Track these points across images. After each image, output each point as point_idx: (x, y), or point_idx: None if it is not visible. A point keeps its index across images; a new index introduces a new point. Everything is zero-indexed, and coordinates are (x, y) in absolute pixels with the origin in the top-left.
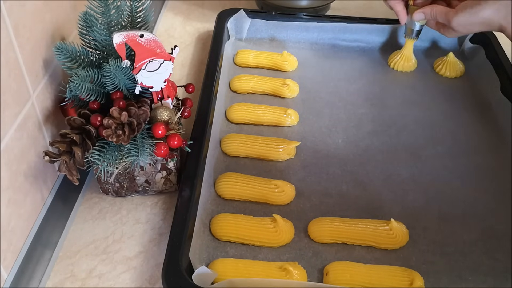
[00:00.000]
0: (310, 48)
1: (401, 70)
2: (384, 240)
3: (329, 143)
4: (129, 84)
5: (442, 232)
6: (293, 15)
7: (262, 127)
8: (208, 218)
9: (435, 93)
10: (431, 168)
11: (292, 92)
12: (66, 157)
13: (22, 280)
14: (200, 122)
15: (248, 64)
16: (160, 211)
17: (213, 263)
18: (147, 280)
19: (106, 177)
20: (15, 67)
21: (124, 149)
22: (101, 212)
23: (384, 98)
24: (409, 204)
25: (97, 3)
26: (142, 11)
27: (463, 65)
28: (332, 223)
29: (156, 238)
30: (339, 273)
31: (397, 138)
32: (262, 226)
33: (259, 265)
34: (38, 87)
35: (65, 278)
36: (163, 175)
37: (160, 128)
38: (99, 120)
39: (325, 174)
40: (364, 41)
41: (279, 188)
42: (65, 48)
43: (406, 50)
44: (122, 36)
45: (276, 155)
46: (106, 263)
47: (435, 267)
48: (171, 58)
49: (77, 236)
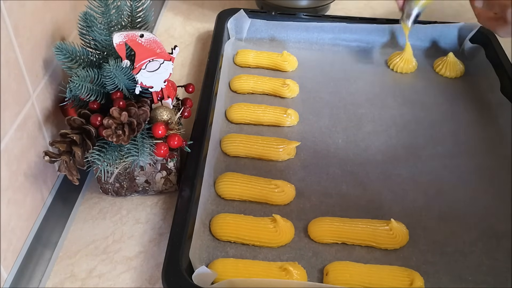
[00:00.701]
0: (310, 48)
1: (401, 72)
2: (384, 240)
3: (329, 143)
4: (129, 84)
5: (442, 232)
6: (293, 15)
7: (262, 127)
8: (208, 218)
9: (435, 93)
10: (431, 168)
11: (292, 92)
12: (66, 157)
13: (22, 280)
14: (200, 122)
15: (248, 64)
16: (160, 211)
17: (213, 263)
18: (147, 280)
19: (106, 177)
20: (15, 67)
21: (124, 149)
22: (101, 212)
23: (384, 98)
24: (409, 204)
25: (97, 3)
26: (142, 11)
27: (463, 65)
28: (332, 223)
29: (156, 238)
30: (339, 273)
31: (397, 138)
32: (262, 226)
33: (259, 265)
34: (38, 87)
35: (65, 278)
36: (163, 175)
37: (160, 128)
38: (99, 120)
39: (325, 174)
40: (364, 41)
41: (279, 188)
42: (65, 48)
43: (406, 53)
44: (122, 36)
45: (276, 155)
46: (106, 263)
47: (435, 267)
48: (171, 58)
49: (77, 236)
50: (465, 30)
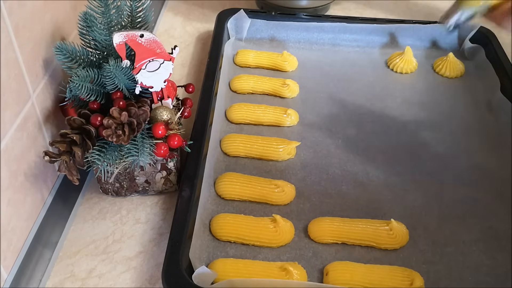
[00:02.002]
0: (310, 48)
1: (401, 72)
2: (384, 240)
3: (329, 143)
4: (129, 84)
5: (442, 232)
6: (293, 15)
7: (262, 127)
8: (208, 218)
9: (435, 93)
10: (431, 168)
11: (292, 92)
12: (66, 157)
13: (22, 280)
14: (200, 122)
15: (248, 64)
16: (160, 211)
17: (213, 263)
18: (147, 280)
19: (106, 177)
20: (15, 67)
21: (124, 149)
22: (101, 212)
23: (384, 98)
24: (409, 204)
25: (97, 3)
26: (142, 11)
27: (463, 65)
28: (332, 223)
29: (156, 238)
30: (339, 273)
31: (397, 138)
32: (262, 226)
33: (259, 265)
34: (38, 87)
35: (65, 278)
36: (163, 175)
37: (160, 128)
38: (99, 120)
39: (325, 174)
40: (364, 41)
41: (279, 188)
42: (65, 48)
43: (406, 55)
44: (122, 36)
45: (276, 155)
46: (106, 263)
47: (435, 267)
48: (171, 58)
49: (77, 236)
50: (465, 30)
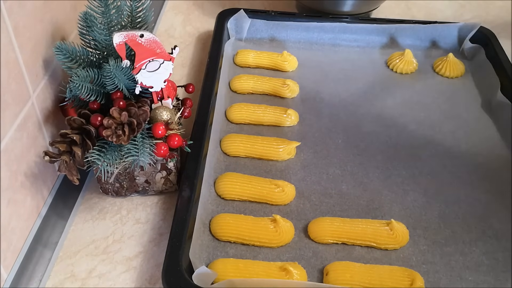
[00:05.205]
0: (310, 48)
1: (401, 72)
2: (384, 240)
3: (329, 143)
4: (129, 84)
5: (442, 232)
6: (293, 15)
7: (262, 127)
8: (208, 218)
9: (435, 93)
10: (431, 168)
11: (292, 92)
12: (66, 157)
13: (22, 280)
14: (200, 122)
15: (248, 64)
16: (160, 211)
17: (213, 263)
18: (147, 280)
19: (106, 177)
20: (15, 67)
21: (124, 149)
22: (101, 212)
23: (384, 98)
24: (409, 204)
25: (97, 3)
26: (142, 11)
27: (463, 65)
28: (332, 223)
29: (156, 238)
30: (339, 273)
31: (397, 138)
32: (262, 226)
33: (259, 265)
34: (38, 87)
35: (65, 278)
36: (163, 175)
37: (160, 128)
38: (99, 120)
39: (325, 174)
40: (364, 41)
41: (279, 188)
42: (65, 48)
43: (406, 56)
44: (122, 36)
45: (276, 155)
46: (106, 263)
47: (435, 267)
48: (171, 58)
49: (77, 236)
50: (465, 30)
